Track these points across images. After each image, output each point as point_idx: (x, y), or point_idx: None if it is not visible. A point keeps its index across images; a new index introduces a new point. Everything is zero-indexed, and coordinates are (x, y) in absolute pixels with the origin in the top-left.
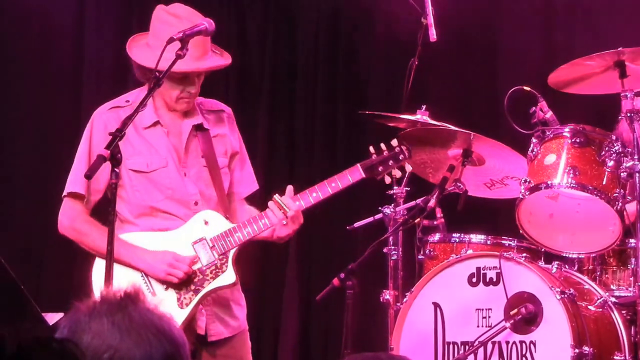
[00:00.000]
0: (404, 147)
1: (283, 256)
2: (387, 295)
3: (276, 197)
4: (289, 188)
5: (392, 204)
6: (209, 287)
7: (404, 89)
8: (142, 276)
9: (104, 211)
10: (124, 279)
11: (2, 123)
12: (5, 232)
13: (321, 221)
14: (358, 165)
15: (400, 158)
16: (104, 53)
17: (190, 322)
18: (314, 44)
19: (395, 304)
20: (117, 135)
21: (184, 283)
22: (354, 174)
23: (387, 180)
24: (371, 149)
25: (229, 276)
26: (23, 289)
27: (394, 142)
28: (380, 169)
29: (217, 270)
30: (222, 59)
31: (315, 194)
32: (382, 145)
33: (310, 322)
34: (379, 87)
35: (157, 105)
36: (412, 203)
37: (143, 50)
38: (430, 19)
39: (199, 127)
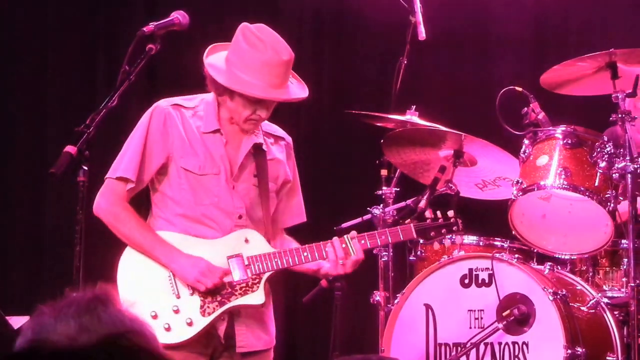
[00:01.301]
0: (459, 220)
1: None
2: (378, 296)
3: (346, 237)
4: (353, 233)
5: (381, 205)
6: (235, 302)
7: (392, 88)
8: (169, 276)
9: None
10: (150, 274)
11: None
12: None
13: (309, 221)
14: (411, 225)
15: (454, 229)
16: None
17: (209, 330)
18: (300, 42)
19: (386, 305)
20: (85, 132)
21: (211, 292)
22: (406, 233)
23: (436, 246)
24: (428, 213)
25: (258, 296)
26: None
27: (450, 213)
28: (432, 234)
29: (247, 288)
30: (301, 91)
31: (364, 241)
32: (439, 213)
33: (297, 324)
34: (367, 87)
35: (222, 116)
36: (402, 204)
37: (220, 62)
38: (419, 17)
39: (257, 147)
